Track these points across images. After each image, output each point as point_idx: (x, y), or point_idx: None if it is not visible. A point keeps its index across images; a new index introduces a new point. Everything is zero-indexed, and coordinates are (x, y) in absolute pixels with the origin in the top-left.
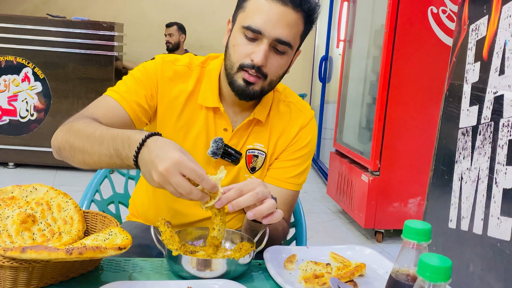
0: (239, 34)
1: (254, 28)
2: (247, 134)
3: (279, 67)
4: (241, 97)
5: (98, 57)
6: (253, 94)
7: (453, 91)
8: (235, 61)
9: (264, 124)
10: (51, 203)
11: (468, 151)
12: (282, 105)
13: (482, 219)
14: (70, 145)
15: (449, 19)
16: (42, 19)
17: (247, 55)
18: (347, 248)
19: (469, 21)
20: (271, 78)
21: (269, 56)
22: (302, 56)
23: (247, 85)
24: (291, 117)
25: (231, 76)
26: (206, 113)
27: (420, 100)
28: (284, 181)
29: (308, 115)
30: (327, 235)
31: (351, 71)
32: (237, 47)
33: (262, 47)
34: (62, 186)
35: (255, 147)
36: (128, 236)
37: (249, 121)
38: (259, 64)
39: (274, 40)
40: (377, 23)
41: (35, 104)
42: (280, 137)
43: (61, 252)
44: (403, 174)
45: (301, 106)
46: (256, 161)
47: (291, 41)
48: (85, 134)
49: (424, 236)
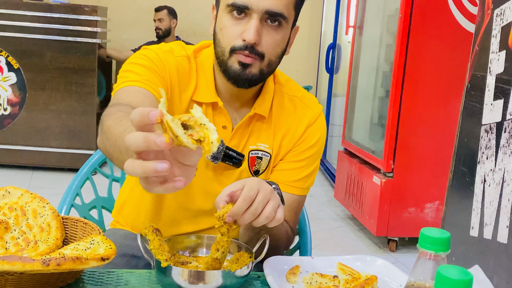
0: (225, 15)
1: (240, 3)
2: (249, 132)
3: (276, 43)
4: (238, 84)
5: (79, 45)
6: (251, 78)
7: (475, 83)
8: (226, 45)
9: (267, 121)
10: (26, 208)
11: (492, 150)
12: (286, 100)
13: (507, 226)
14: (106, 150)
15: (471, 2)
16: (17, 3)
17: (238, 35)
18: (356, 258)
19: (493, 5)
20: (269, 57)
21: (262, 33)
22: (307, 44)
23: (244, 68)
24: (297, 114)
25: (225, 62)
26: (204, 110)
27: (438, 94)
28: (289, 185)
29: (316, 111)
30: (334, 244)
31: (362, 61)
32: (225, 30)
33: (252, 23)
34: (39, 189)
35: (258, 148)
36: (112, 245)
37: (250, 117)
38: (252, 42)
39: (264, 13)
40: (390, 7)
41: (9, 98)
42: (285, 136)
43: (37, 263)
44: (419, 176)
45: (307, 101)
46: (260, 163)
47: (284, 12)
48: (114, 136)
49: (442, 246)
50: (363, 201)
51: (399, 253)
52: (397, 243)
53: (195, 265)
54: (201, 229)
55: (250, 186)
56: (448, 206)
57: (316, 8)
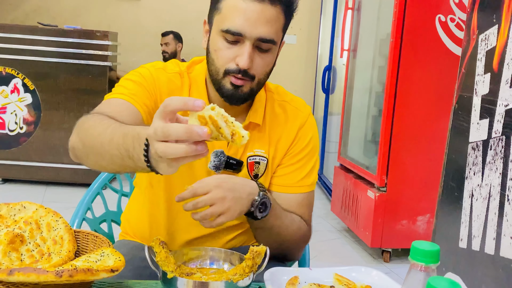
0: (219, 38)
1: (234, 31)
2: None
3: (266, 65)
4: (231, 102)
5: (91, 67)
6: (243, 97)
7: (463, 104)
8: (220, 67)
9: (261, 128)
10: (40, 222)
11: (479, 166)
12: (276, 106)
13: (494, 238)
14: (82, 144)
15: (458, 27)
16: (33, 28)
17: (231, 59)
18: (352, 269)
19: (478, 30)
20: (259, 77)
21: (254, 57)
22: (304, 66)
23: (236, 88)
24: (288, 118)
25: (218, 81)
26: None
27: (428, 112)
28: (294, 186)
29: (305, 112)
30: (331, 255)
31: (356, 82)
32: (219, 52)
33: (245, 50)
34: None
35: (255, 153)
36: (121, 257)
37: (245, 127)
38: (245, 68)
39: (256, 40)
40: (382, 31)
41: (25, 117)
42: (280, 140)
43: (50, 275)
44: (411, 190)
45: (296, 104)
46: (258, 167)
47: (274, 38)
48: (96, 131)
49: (432, 258)
50: (358, 214)
51: (393, 263)
52: (391, 254)
53: (199, 276)
54: (203, 234)
55: (204, 184)
56: (438, 219)
57: (313, 32)
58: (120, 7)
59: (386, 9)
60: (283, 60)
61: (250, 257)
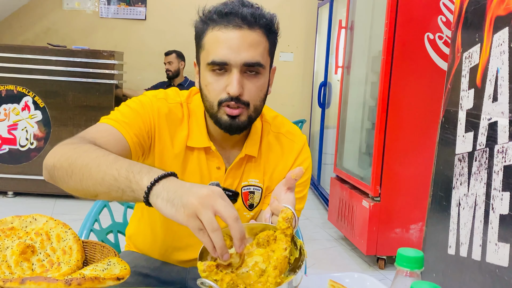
0: (207, 73)
1: (218, 61)
2: (241, 172)
3: (258, 90)
4: (231, 132)
5: (98, 86)
6: (242, 125)
7: (449, 118)
8: (213, 100)
9: (256, 160)
10: (50, 233)
11: (465, 177)
12: (272, 138)
13: (480, 245)
14: (69, 163)
15: (446, 45)
16: (43, 48)
17: (222, 89)
18: (345, 275)
19: (462, 49)
20: (254, 104)
21: (244, 83)
22: (301, 82)
23: (233, 119)
24: (284, 150)
25: (214, 115)
26: (197, 154)
27: (418, 126)
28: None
29: (299, 143)
30: (329, 263)
31: (350, 97)
32: (209, 86)
33: (233, 77)
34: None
35: (250, 183)
36: (127, 266)
37: (241, 159)
38: (236, 94)
39: (242, 65)
40: (374, 49)
41: (35, 133)
42: (275, 171)
43: (60, 284)
44: (404, 200)
45: (291, 136)
46: (253, 197)
47: (260, 60)
48: (96, 154)
49: (416, 264)
50: (354, 223)
51: (388, 270)
52: (385, 261)
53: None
54: None
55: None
56: (428, 227)
57: (309, 51)
58: (126, 28)
59: (378, 28)
60: (282, 77)
61: (287, 225)
